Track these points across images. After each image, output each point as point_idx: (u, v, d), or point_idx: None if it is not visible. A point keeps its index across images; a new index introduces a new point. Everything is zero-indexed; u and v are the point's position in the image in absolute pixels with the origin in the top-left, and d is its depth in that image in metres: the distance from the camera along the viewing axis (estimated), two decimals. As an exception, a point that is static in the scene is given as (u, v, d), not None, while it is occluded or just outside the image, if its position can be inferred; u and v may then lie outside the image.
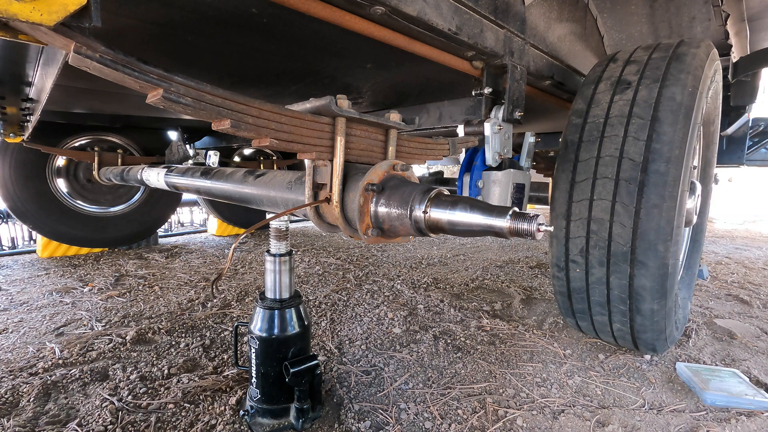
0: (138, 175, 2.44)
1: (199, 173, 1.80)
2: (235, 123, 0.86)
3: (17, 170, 3.06)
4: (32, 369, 1.57)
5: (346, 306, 2.30)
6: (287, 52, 1.46)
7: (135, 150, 3.55)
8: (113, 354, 1.70)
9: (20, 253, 3.51)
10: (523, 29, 1.48)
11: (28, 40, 0.79)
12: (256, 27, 1.21)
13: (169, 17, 1.14)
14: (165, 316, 2.13)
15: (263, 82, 1.95)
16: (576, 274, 1.57)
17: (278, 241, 1.26)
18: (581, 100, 1.59)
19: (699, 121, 1.45)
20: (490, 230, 0.58)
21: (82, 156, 3.16)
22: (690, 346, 1.88)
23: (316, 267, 3.17)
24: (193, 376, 1.53)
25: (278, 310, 1.23)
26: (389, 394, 1.46)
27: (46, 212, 3.20)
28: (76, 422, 1.27)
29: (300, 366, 1.20)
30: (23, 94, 1.79)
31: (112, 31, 1.20)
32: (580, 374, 1.62)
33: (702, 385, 1.49)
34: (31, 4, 0.65)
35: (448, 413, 1.35)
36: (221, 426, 1.26)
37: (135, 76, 0.75)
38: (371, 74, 1.76)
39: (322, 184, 1.07)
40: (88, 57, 0.70)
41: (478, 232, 0.59)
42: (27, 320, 2.07)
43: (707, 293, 2.70)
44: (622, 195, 1.40)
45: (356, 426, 1.28)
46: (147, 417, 1.30)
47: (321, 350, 1.77)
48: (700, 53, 1.47)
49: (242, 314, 2.17)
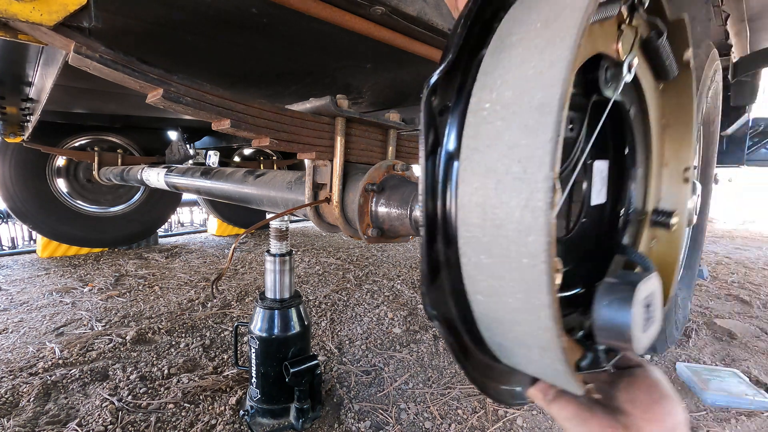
0: (138, 175, 2.44)
1: (199, 173, 1.80)
2: (235, 123, 0.86)
3: (17, 170, 3.06)
4: (32, 369, 1.57)
5: (346, 306, 2.30)
6: (287, 52, 1.46)
7: (135, 150, 3.55)
8: (113, 354, 1.70)
9: (20, 253, 3.51)
10: (523, 29, 1.48)
11: (28, 40, 0.79)
12: (256, 27, 1.21)
13: (169, 17, 1.14)
14: (165, 316, 2.13)
15: (263, 82, 1.94)
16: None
17: (278, 241, 1.26)
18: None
19: (699, 121, 1.45)
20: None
21: (82, 156, 3.16)
22: (690, 346, 1.88)
23: (316, 267, 3.17)
24: (193, 376, 1.53)
25: (278, 310, 1.23)
26: (389, 394, 1.46)
27: (46, 212, 3.20)
28: (76, 422, 1.27)
29: (300, 366, 1.20)
30: (23, 94, 1.79)
31: (112, 31, 1.20)
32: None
33: (702, 385, 1.49)
34: (31, 4, 0.65)
35: (448, 413, 1.35)
36: (221, 426, 1.26)
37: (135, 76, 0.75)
38: (371, 74, 1.75)
39: (322, 184, 1.07)
40: (88, 57, 0.70)
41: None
42: (27, 320, 2.07)
43: (707, 293, 2.70)
44: (622, 195, 1.40)
45: (356, 426, 1.28)
46: (147, 417, 1.30)
47: (321, 350, 1.77)
48: (700, 53, 1.47)
49: (242, 314, 2.17)
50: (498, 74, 0.35)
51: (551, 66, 0.31)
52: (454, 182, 0.36)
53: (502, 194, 0.32)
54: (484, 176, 0.33)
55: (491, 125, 0.34)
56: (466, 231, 0.36)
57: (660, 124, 0.53)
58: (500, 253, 0.33)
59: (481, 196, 0.33)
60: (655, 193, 0.55)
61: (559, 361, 0.34)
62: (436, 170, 0.38)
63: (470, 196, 0.34)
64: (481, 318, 0.40)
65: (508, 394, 0.46)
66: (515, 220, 0.31)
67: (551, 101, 0.29)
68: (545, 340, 0.34)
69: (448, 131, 0.37)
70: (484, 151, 0.34)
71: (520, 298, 0.33)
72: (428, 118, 0.37)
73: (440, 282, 0.39)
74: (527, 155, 0.30)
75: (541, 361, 0.37)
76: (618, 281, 0.39)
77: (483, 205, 0.33)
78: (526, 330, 0.35)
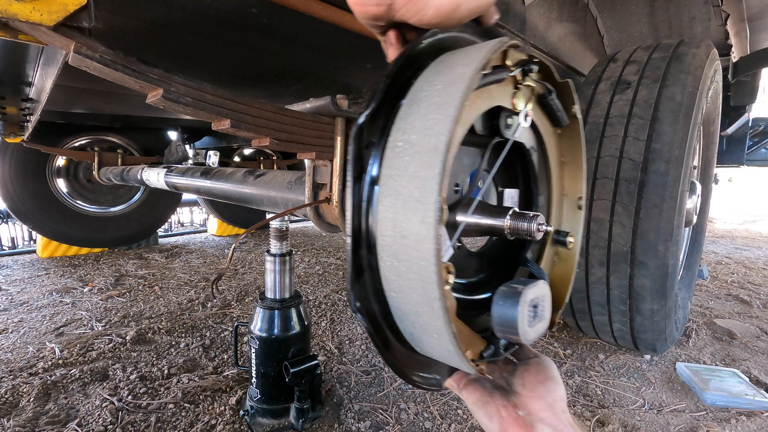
0: (138, 175, 2.44)
1: (199, 173, 1.80)
2: (235, 123, 0.86)
3: (17, 170, 3.06)
4: (32, 369, 1.57)
5: (346, 306, 2.30)
6: (287, 52, 1.46)
7: (135, 150, 3.55)
8: (113, 354, 1.70)
9: (20, 253, 3.51)
10: (522, 29, 1.48)
11: (28, 40, 0.79)
12: (256, 27, 1.21)
13: (169, 17, 1.14)
14: (165, 316, 2.13)
15: (263, 82, 1.94)
16: (576, 274, 1.57)
17: (278, 241, 1.26)
18: (581, 100, 1.59)
19: (699, 121, 1.45)
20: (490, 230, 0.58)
21: (82, 156, 3.16)
22: (690, 346, 1.88)
23: (316, 267, 3.16)
24: (193, 376, 1.53)
25: (278, 310, 1.23)
26: (389, 394, 1.46)
27: (46, 212, 3.20)
28: (76, 422, 1.27)
29: (300, 366, 1.20)
30: (23, 94, 1.79)
31: (112, 31, 1.20)
32: (580, 374, 1.62)
33: (702, 385, 1.49)
34: (31, 4, 0.65)
35: (448, 413, 1.35)
36: (221, 426, 1.26)
37: (135, 76, 0.75)
38: (371, 74, 1.76)
39: (322, 184, 1.06)
40: (88, 57, 0.70)
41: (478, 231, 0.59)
42: (27, 320, 2.07)
43: (707, 293, 2.70)
44: (622, 195, 1.40)
45: (356, 426, 1.28)
46: (147, 417, 1.30)
47: (321, 350, 1.77)
48: (700, 53, 1.47)
49: (242, 314, 2.17)
50: (409, 121, 0.44)
51: (443, 120, 0.40)
52: (375, 202, 0.45)
53: (407, 212, 0.41)
54: (395, 198, 0.42)
55: (401, 159, 0.43)
56: (382, 240, 0.44)
57: (559, 161, 0.66)
58: (405, 257, 0.42)
59: (393, 212, 0.42)
60: (557, 217, 0.68)
61: (452, 344, 0.43)
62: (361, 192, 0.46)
63: (385, 212, 0.43)
64: (395, 312, 0.48)
65: (426, 381, 0.54)
66: (415, 231, 0.40)
67: (440, 146, 0.39)
68: (439, 326, 0.42)
69: (372, 162, 0.46)
70: (395, 178, 0.43)
71: (420, 293, 0.42)
72: (357, 151, 0.46)
73: (364, 282, 0.47)
74: (423, 184, 0.40)
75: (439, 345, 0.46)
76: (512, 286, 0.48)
77: (394, 219, 0.42)
78: (426, 319, 0.44)
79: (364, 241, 0.46)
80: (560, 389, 0.55)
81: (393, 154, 0.44)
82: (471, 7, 0.50)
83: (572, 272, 0.67)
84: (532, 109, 0.56)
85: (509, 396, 0.54)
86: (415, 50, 0.49)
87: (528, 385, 0.54)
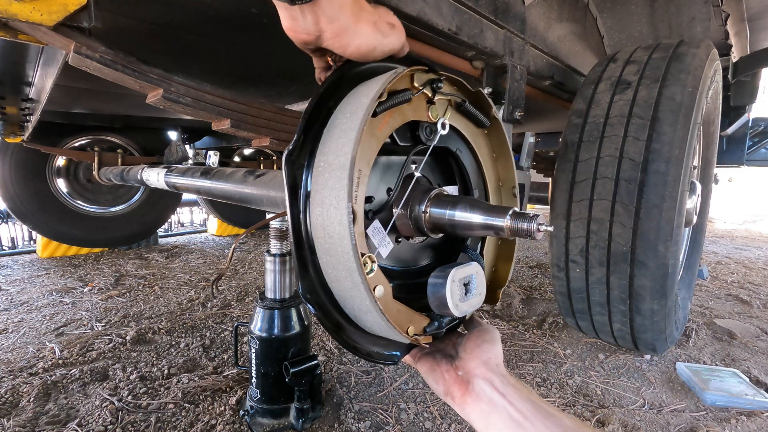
0: (138, 175, 2.44)
1: (199, 173, 1.80)
2: (235, 123, 0.86)
3: (17, 170, 3.06)
4: (32, 369, 1.57)
5: (346, 306, 2.30)
6: (287, 52, 1.46)
7: (135, 150, 3.55)
8: (113, 354, 1.70)
9: (20, 253, 3.51)
10: (523, 29, 1.48)
11: (28, 40, 0.79)
12: (256, 27, 1.21)
13: (169, 17, 1.14)
14: (165, 316, 2.13)
15: (263, 82, 1.94)
16: (576, 274, 1.57)
17: (278, 241, 1.26)
18: (581, 100, 1.59)
19: (699, 121, 1.45)
20: (490, 230, 0.59)
21: (82, 156, 3.16)
22: (690, 346, 1.88)
23: (316, 267, 3.16)
24: (193, 376, 1.53)
25: (278, 310, 1.23)
26: (389, 394, 1.46)
27: (46, 212, 3.20)
28: (76, 422, 1.27)
29: (300, 366, 1.20)
30: (23, 94, 1.79)
31: (112, 31, 1.20)
32: (580, 374, 1.62)
33: (702, 385, 1.49)
34: (31, 4, 0.65)
35: (448, 413, 1.35)
36: (221, 426, 1.26)
37: (135, 76, 0.75)
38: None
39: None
40: (88, 57, 0.70)
41: (478, 231, 0.60)
42: (27, 320, 2.07)
43: (707, 293, 2.70)
44: (622, 195, 1.40)
45: (356, 426, 1.28)
46: (147, 417, 1.30)
47: (321, 350, 1.77)
48: (700, 53, 1.47)
49: (242, 314, 2.17)
50: (327, 145, 0.54)
51: (348, 142, 0.49)
52: (309, 211, 0.54)
53: (330, 217, 0.50)
54: (321, 207, 0.51)
55: (323, 176, 0.52)
56: (317, 242, 0.53)
57: (491, 157, 0.77)
58: (335, 253, 0.51)
59: (321, 218, 0.51)
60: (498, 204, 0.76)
61: (381, 318, 0.51)
62: (298, 204, 0.54)
63: (316, 218, 0.52)
64: (338, 299, 0.56)
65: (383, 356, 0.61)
66: (337, 232, 0.49)
67: (347, 163, 0.48)
68: (368, 305, 0.51)
69: (304, 179, 0.55)
70: (320, 191, 0.52)
71: (349, 280, 0.50)
72: (289, 171, 0.54)
73: (310, 277, 0.55)
74: (338, 194, 0.49)
75: (374, 321, 0.54)
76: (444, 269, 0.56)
77: (323, 224, 0.51)
78: (359, 302, 0.52)
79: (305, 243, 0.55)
80: (496, 348, 0.62)
81: (317, 172, 0.53)
82: (385, 49, 0.62)
83: (513, 253, 0.76)
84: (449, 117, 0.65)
85: (453, 361, 0.62)
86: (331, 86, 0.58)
87: (467, 349, 0.62)
